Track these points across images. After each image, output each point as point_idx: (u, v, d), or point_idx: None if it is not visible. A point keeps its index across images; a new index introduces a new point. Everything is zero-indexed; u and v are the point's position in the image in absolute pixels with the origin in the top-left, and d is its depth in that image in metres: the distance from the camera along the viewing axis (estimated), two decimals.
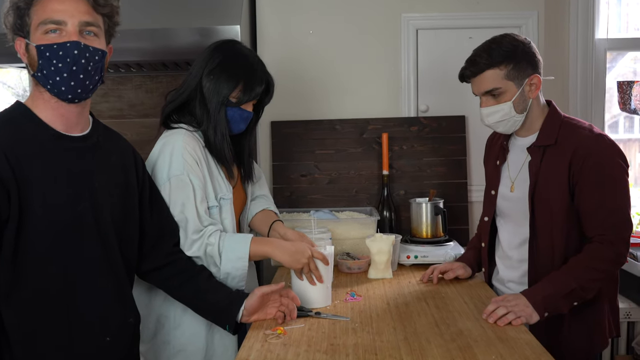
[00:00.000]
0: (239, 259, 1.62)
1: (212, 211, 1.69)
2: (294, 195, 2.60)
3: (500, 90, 1.68)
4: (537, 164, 1.71)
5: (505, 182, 1.83)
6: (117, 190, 1.46)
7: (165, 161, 1.63)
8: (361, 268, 2.11)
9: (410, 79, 2.60)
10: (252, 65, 1.72)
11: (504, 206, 1.84)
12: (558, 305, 1.58)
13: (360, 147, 2.60)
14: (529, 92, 1.70)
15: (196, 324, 1.66)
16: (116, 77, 2.79)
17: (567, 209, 1.66)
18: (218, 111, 1.68)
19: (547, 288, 1.59)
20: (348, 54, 2.61)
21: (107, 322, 1.41)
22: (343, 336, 1.48)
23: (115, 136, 1.53)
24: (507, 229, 1.84)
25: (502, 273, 1.87)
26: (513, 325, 1.51)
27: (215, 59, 1.69)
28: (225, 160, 1.72)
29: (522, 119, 1.73)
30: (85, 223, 1.36)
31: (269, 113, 2.59)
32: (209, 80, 1.68)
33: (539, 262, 1.72)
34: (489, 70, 1.68)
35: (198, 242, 1.61)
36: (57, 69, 1.29)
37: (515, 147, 1.82)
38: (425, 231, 2.30)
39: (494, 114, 1.72)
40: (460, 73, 1.76)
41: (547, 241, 1.70)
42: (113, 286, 1.43)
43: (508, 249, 1.83)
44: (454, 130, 2.60)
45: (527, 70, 1.68)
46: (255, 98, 1.73)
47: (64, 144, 1.36)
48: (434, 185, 2.56)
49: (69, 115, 1.36)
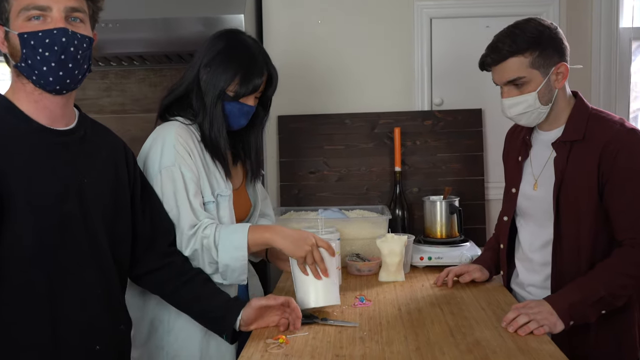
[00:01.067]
0: (237, 248, 1.51)
1: (209, 207, 1.60)
2: (302, 193, 2.49)
3: (525, 79, 1.56)
4: (564, 160, 1.59)
5: (527, 180, 1.71)
6: (107, 188, 1.37)
7: (156, 153, 1.55)
8: (371, 270, 2.00)
9: (424, 70, 2.48)
10: (252, 56, 1.62)
11: (525, 205, 1.72)
12: (585, 314, 1.47)
13: (371, 142, 2.49)
14: (556, 82, 1.58)
15: (191, 328, 1.57)
16: (119, 70, 2.71)
17: (595, 210, 1.55)
18: (215, 105, 1.60)
19: (574, 294, 1.47)
20: (358, 45, 2.50)
21: (96, 329, 1.32)
22: (350, 346, 1.37)
23: (103, 130, 1.44)
24: (529, 229, 1.72)
25: (522, 276, 1.76)
26: (535, 335, 1.39)
27: (214, 49, 1.61)
28: (220, 156, 1.63)
29: (547, 110, 1.61)
30: (72, 223, 1.27)
31: (276, 107, 2.47)
32: (206, 72, 1.60)
33: (564, 266, 1.61)
34: (512, 57, 1.56)
35: (194, 238, 1.52)
36: (43, 58, 1.20)
37: (539, 141, 1.71)
38: (440, 231, 2.18)
39: (517, 106, 1.60)
40: (481, 61, 1.64)
41: (573, 244, 1.58)
42: (103, 291, 1.34)
43: (529, 251, 1.72)
44: (470, 124, 2.47)
45: (553, 58, 1.56)
46: (254, 91, 1.63)
47: (49, 138, 1.27)
48: (449, 182, 2.44)
49: (53, 107, 1.27)
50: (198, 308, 1.50)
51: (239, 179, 1.78)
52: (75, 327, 1.27)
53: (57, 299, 1.24)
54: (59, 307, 1.24)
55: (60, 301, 1.25)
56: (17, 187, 1.19)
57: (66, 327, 1.25)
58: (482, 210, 2.46)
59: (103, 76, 2.71)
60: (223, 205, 1.63)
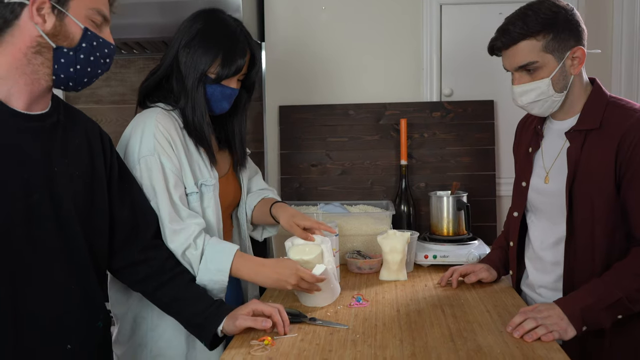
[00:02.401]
0: (219, 271, 1.44)
1: (191, 198, 1.51)
2: (303, 187, 2.39)
3: (537, 64, 1.45)
4: (577, 151, 1.48)
5: (538, 173, 1.60)
6: (82, 177, 1.28)
7: (136, 142, 1.47)
8: (372, 268, 1.89)
9: (433, 59, 2.36)
10: (233, 34, 1.54)
11: (536, 200, 1.61)
12: (599, 319, 1.35)
13: (377, 134, 2.38)
14: (571, 68, 1.47)
15: (175, 326, 1.47)
16: (118, 59, 2.63)
17: (611, 204, 1.43)
18: (196, 88, 1.52)
19: (587, 297, 1.36)
20: (364, 32, 2.39)
21: (67, 327, 1.23)
22: (339, 349, 1.26)
23: (79, 116, 1.35)
24: (540, 226, 1.61)
25: (532, 277, 1.64)
26: (543, 341, 1.28)
27: (193, 29, 1.53)
28: (205, 141, 1.54)
29: (561, 98, 1.49)
30: (41, 214, 1.18)
31: (277, 97, 2.41)
32: (185, 54, 1.52)
33: (577, 266, 1.49)
34: (524, 40, 1.45)
35: (181, 237, 1.43)
36: (96, 62, 1.22)
37: (552, 131, 1.59)
38: (447, 228, 2.06)
39: (529, 93, 1.49)
40: (490, 45, 1.53)
41: (587, 241, 1.47)
42: (77, 286, 1.24)
43: (540, 250, 1.60)
44: (481, 116, 2.35)
45: (569, 42, 1.45)
46: (236, 73, 1.55)
47: (18, 123, 1.18)
48: (458, 177, 2.32)
49: (37, 93, 1.19)
50: (178, 311, 1.41)
51: (226, 165, 1.69)
52: (41, 325, 1.18)
53: (20, 295, 1.15)
54: (22, 303, 1.15)
55: (23, 297, 1.15)
56: None
57: (30, 325, 1.16)
58: (493, 207, 2.34)
59: None
60: (207, 196, 1.54)
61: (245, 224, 1.76)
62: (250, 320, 1.33)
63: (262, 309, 1.36)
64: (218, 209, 1.57)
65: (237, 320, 1.34)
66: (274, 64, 2.40)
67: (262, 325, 1.32)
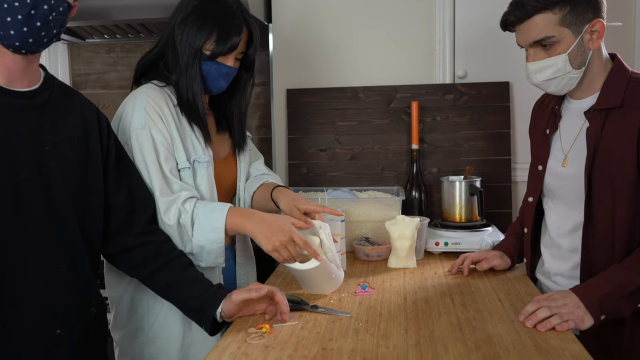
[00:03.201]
0: (213, 229, 1.38)
1: (183, 174, 1.47)
2: (312, 173, 2.33)
3: (553, 39, 1.37)
4: (597, 131, 1.39)
5: (556, 155, 1.52)
6: (75, 157, 1.24)
7: (127, 116, 1.44)
8: (381, 255, 1.82)
9: (446, 39, 2.27)
10: (230, 11, 1.48)
11: (553, 185, 1.52)
12: (619, 307, 1.27)
13: (387, 118, 2.30)
14: (590, 42, 1.39)
15: (171, 308, 1.43)
16: (125, 43, 2.60)
17: (633, 188, 1.35)
18: (191, 65, 1.47)
19: (606, 285, 1.28)
20: (374, 12, 2.31)
21: (58, 312, 1.19)
22: (340, 338, 1.20)
23: (74, 94, 1.31)
24: (557, 212, 1.53)
25: (548, 264, 1.56)
26: (557, 331, 1.20)
27: (189, 6, 1.49)
28: (199, 118, 1.50)
29: (579, 75, 1.41)
30: (29, 195, 1.14)
31: (284, 80, 2.35)
32: (180, 31, 1.47)
33: (596, 253, 1.41)
34: (539, 14, 1.37)
35: (173, 208, 1.39)
36: (11, 7, 1.08)
37: (570, 111, 1.51)
38: (459, 214, 1.99)
39: (545, 70, 1.41)
40: (503, 19, 1.45)
41: (607, 227, 1.39)
42: (68, 270, 1.20)
43: (557, 236, 1.52)
44: (496, 98, 2.26)
45: (587, 14, 1.36)
46: (232, 50, 1.49)
47: (4, 99, 1.14)
48: (472, 162, 2.24)
49: (12, 66, 1.14)
50: (175, 295, 1.36)
51: (226, 147, 1.64)
52: (29, 309, 1.14)
53: (8, 278, 1.12)
54: (10, 286, 1.12)
55: (10, 280, 1.12)
56: None
57: (17, 309, 1.13)
58: (508, 192, 2.25)
59: (109, 50, 2.61)
60: (200, 173, 1.49)
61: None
62: (245, 292, 1.29)
63: (261, 287, 1.30)
64: (213, 188, 1.53)
65: (232, 295, 1.29)
66: (281, 46, 2.34)
67: (257, 294, 1.27)
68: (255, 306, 1.33)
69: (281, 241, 1.37)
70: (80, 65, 2.63)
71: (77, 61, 2.64)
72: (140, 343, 1.48)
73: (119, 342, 1.52)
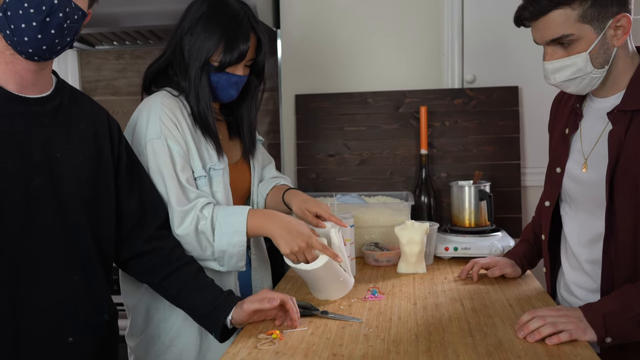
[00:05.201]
0: (236, 232, 1.38)
1: (200, 182, 1.47)
2: (320, 178, 2.33)
3: (573, 37, 1.26)
4: (621, 135, 1.28)
5: (575, 158, 1.41)
6: (87, 163, 1.24)
7: (142, 125, 1.43)
8: (390, 261, 1.82)
9: (454, 44, 2.27)
10: (236, 19, 1.47)
11: (572, 190, 1.42)
12: (626, 331, 1.19)
13: (396, 123, 2.30)
14: (614, 39, 1.27)
15: (188, 317, 1.43)
16: (134, 50, 2.62)
17: None
18: (199, 78, 1.47)
19: (612, 304, 1.21)
20: (382, 17, 2.31)
21: (70, 319, 1.19)
22: (351, 344, 1.20)
23: (85, 100, 1.31)
24: (576, 219, 1.42)
25: (568, 275, 1.47)
26: (547, 344, 1.15)
27: (196, 14, 1.48)
28: (210, 131, 1.50)
29: (601, 75, 1.30)
30: (41, 202, 1.14)
31: (293, 86, 2.35)
32: (188, 41, 1.47)
33: (618, 267, 1.30)
34: (556, 10, 1.25)
35: (190, 216, 1.39)
36: (26, 14, 1.08)
37: (592, 111, 1.39)
38: (468, 219, 1.98)
39: (563, 70, 1.30)
40: (517, 14, 1.32)
41: (630, 240, 1.28)
42: (80, 277, 1.21)
43: (576, 246, 1.43)
44: (506, 103, 2.25)
45: (611, 8, 1.25)
46: (240, 60, 1.48)
47: (15, 106, 1.14)
48: (482, 167, 2.23)
49: (24, 73, 1.15)
50: (185, 301, 1.36)
51: (238, 152, 1.65)
52: (41, 316, 1.14)
53: (20, 286, 1.12)
54: (21, 294, 1.12)
55: (23, 288, 1.12)
56: None
57: (30, 316, 1.13)
58: (518, 197, 2.24)
59: (118, 56, 2.63)
60: (216, 180, 1.50)
61: None
62: (257, 302, 1.29)
63: (272, 295, 1.30)
64: (228, 194, 1.53)
65: (244, 304, 1.29)
66: (290, 52, 2.34)
67: (269, 305, 1.27)
68: (266, 313, 1.32)
69: (299, 246, 1.38)
70: (89, 72, 2.65)
71: (86, 68, 2.66)
72: (156, 351, 1.48)
73: (134, 349, 1.52)
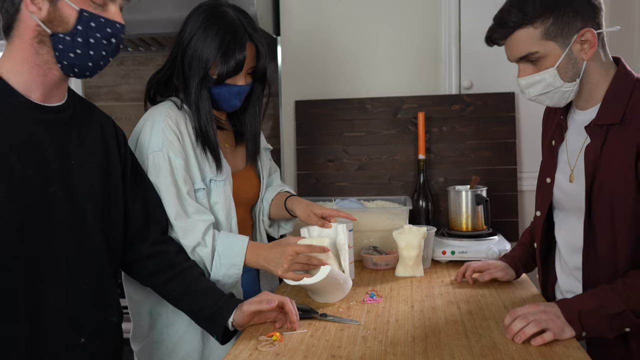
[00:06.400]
0: (232, 265, 1.43)
1: (198, 195, 1.49)
2: (320, 183, 2.36)
3: (538, 54, 1.31)
4: (597, 149, 1.31)
5: (563, 169, 1.45)
6: (98, 169, 1.27)
7: (145, 136, 1.45)
8: (389, 264, 1.85)
9: (452, 51, 2.31)
10: (230, 28, 1.46)
11: (562, 199, 1.46)
12: (600, 328, 1.22)
13: (394, 128, 2.33)
14: (581, 53, 1.31)
15: (190, 322, 1.46)
16: (136, 56, 2.65)
17: (634, 210, 1.28)
18: (199, 92, 1.48)
19: (589, 301, 1.24)
20: (380, 24, 2.34)
21: (82, 321, 1.22)
22: (349, 346, 1.23)
23: (94, 109, 1.35)
24: (566, 227, 1.46)
25: (560, 281, 1.51)
26: (533, 345, 1.18)
27: (191, 27, 1.48)
28: (211, 145, 1.51)
29: (572, 88, 1.34)
30: (57, 207, 1.17)
31: (293, 92, 2.39)
32: (186, 56, 1.48)
33: (598, 275, 1.34)
34: (520, 29, 1.30)
35: (189, 235, 1.42)
36: (98, 44, 1.16)
37: (575, 123, 1.43)
38: (465, 223, 2.01)
39: (535, 85, 1.35)
40: (487, 36, 1.38)
41: (608, 250, 1.32)
42: (91, 280, 1.23)
43: (566, 252, 1.47)
44: (502, 109, 2.28)
45: (574, 24, 1.28)
46: (238, 71, 1.48)
47: (35, 114, 1.17)
48: (479, 171, 2.26)
49: (50, 84, 1.18)
50: (187, 304, 1.39)
51: (243, 159, 1.67)
52: (57, 318, 1.17)
53: (37, 287, 1.14)
54: (37, 296, 1.15)
55: (41, 289, 1.15)
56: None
57: (46, 318, 1.15)
58: (514, 202, 2.27)
59: (120, 63, 2.66)
60: (216, 192, 1.51)
61: (260, 220, 1.74)
62: (256, 303, 1.32)
63: (271, 297, 1.34)
64: (229, 205, 1.54)
65: (243, 305, 1.33)
66: (290, 58, 2.38)
67: (268, 306, 1.31)
68: (266, 315, 1.36)
69: (287, 261, 1.41)
70: (92, 78, 2.68)
71: None
72: (160, 355, 1.50)
73: (138, 354, 1.54)
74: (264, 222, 1.75)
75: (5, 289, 1.11)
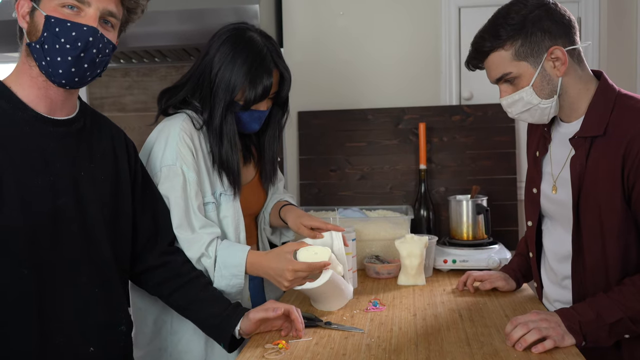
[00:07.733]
0: (234, 276, 1.45)
1: (208, 208, 1.51)
2: (322, 192, 2.39)
3: (512, 74, 1.35)
4: (582, 160, 1.35)
5: (547, 180, 1.48)
6: (107, 181, 1.30)
7: (159, 149, 1.47)
8: (391, 273, 1.87)
9: (452, 62, 2.35)
10: (258, 55, 1.47)
11: (549, 208, 1.49)
12: (599, 337, 1.26)
13: (396, 139, 2.37)
14: (554, 70, 1.34)
15: (195, 330, 1.48)
16: (140, 68, 2.68)
17: (622, 221, 1.30)
18: (224, 117, 1.48)
19: (587, 312, 1.26)
20: (382, 37, 2.39)
21: (91, 330, 1.24)
22: (353, 353, 1.25)
23: (104, 121, 1.37)
24: (554, 235, 1.50)
25: (547, 289, 1.54)
26: (533, 352, 1.21)
27: (220, 54, 1.48)
28: (232, 174, 1.52)
29: (551, 104, 1.37)
30: (66, 218, 1.20)
31: (295, 103, 2.41)
32: (212, 81, 1.48)
33: (588, 283, 1.38)
34: (492, 53, 1.36)
35: (194, 246, 1.44)
36: (62, 49, 1.14)
37: (559, 135, 1.46)
38: (466, 232, 2.04)
39: (515, 105, 1.39)
40: (466, 61, 1.45)
41: (597, 258, 1.35)
42: (100, 290, 1.26)
43: (553, 261, 1.50)
44: (502, 119, 2.31)
45: (543, 43, 1.32)
46: (265, 95, 1.50)
47: (44, 127, 1.20)
48: (479, 181, 2.29)
49: (54, 97, 1.21)
50: (195, 313, 1.42)
51: (251, 172, 1.69)
52: (65, 327, 1.20)
53: (47, 297, 1.17)
54: (47, 305, 1.17)
55: (50, 299, 1.17)
56: (8, 182, 1.13)
57: (54, 327, 1.18)
58: (515, 211, 2.30)
59: (125, 74, 2.69)
60: (226, 205, 1.54)
61: (262, 228, 1.76)
62: (262, 311, 1.35)
63: (277, 305, 1.36)
64: (238, 218, 1.56)
65: (250, 314, 1.35)
66: (292, 70, 2.34)
67: (274, 314, 1.33)
68: (272, 323, 1.39)
69: (287, 280, 1.43)
70: (96, 89, 2.71)
71: (93, 85, 2.72)
72: None
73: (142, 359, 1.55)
74: (265, 230, 1.77)
75: (16, 299, 1.14)
